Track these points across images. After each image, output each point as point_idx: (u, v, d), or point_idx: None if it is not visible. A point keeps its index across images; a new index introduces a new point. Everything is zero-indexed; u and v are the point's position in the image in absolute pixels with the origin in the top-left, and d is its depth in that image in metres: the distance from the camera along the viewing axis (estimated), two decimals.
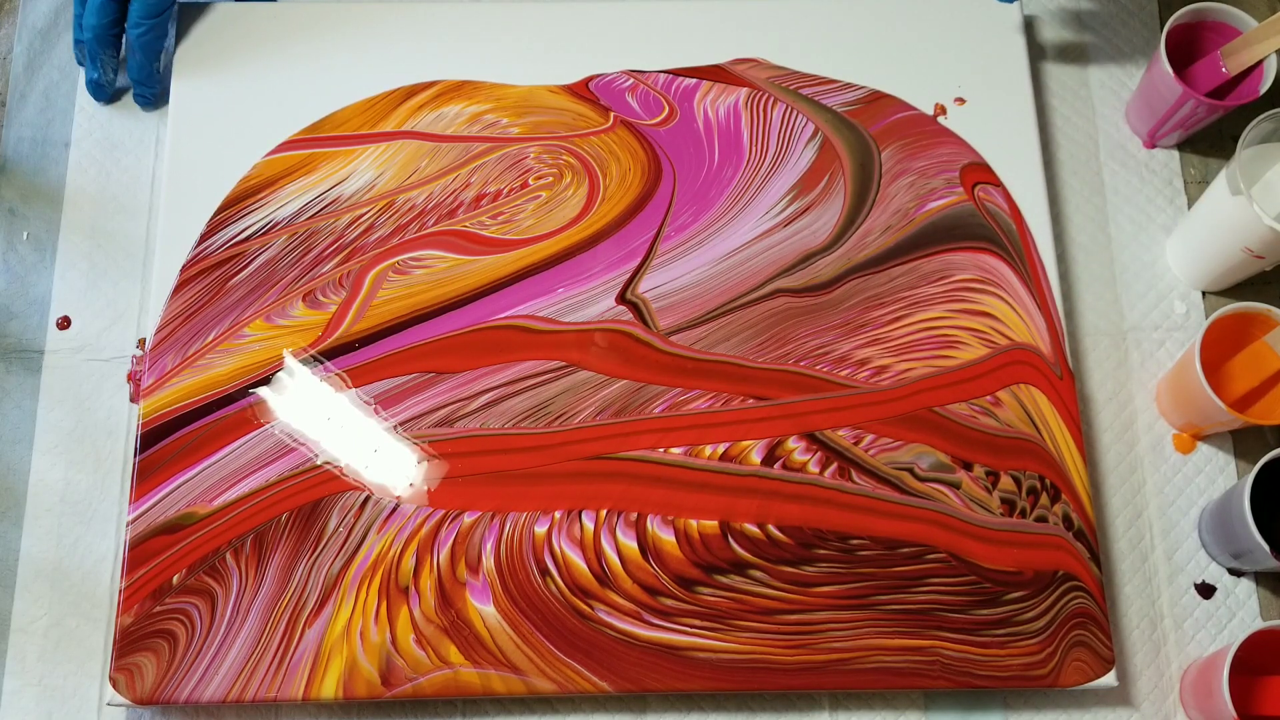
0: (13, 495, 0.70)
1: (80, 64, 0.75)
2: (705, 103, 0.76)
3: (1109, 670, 0.65)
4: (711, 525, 0.67)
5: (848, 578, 0.66)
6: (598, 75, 0.77)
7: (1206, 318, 0.69)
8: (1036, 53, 0.80)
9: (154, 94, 0.77)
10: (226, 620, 0.65)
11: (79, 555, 0.69)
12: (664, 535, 0.67)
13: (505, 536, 0.67)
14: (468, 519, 0.67)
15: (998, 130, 0.76)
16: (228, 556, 0.66)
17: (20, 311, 0.73)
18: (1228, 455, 0.72)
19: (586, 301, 0.72)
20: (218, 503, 0.67)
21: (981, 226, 0.74)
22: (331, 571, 0.66)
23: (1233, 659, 0.61)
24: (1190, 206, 0.77)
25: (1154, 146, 0.79)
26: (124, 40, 0.74)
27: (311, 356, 0.70)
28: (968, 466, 0.69)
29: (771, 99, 0.77)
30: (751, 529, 0.67)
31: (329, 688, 0.64)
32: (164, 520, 0.67)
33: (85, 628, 0.68)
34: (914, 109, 0.77)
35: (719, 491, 0.68)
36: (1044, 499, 0.68)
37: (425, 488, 0.68)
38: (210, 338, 0.70)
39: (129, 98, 0.78)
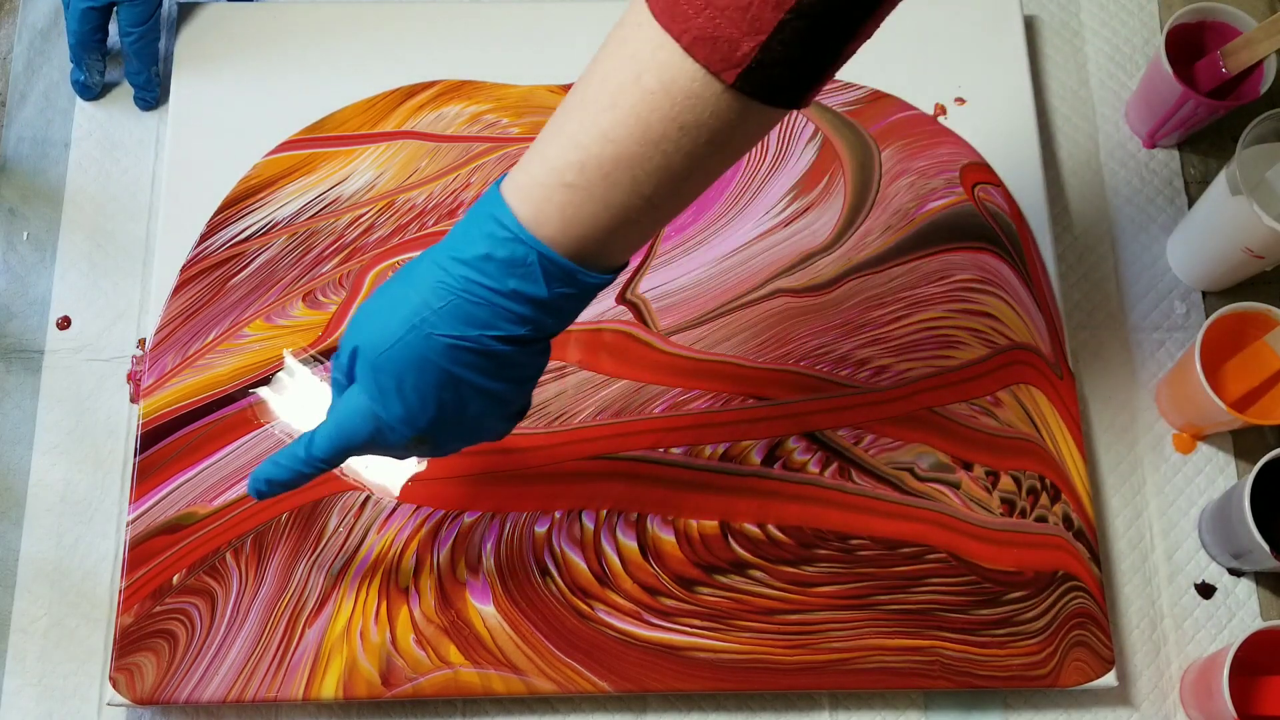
0: (13, 495, 0.70)
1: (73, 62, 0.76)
2: None
3: (1109, 670, 0.65)
4: (711, 525, 0.67)
5: (848, 578, 0.66)
6: None
7: (1206, 318, 0.69)
8: (1036, 53, 0.80)
9: (154, 97, 0.77)
10: (226, 620, 0.65)
11: (79, 555, 0.69)
12: (664, 535, 0.67)
13: (505, 536, 0.67)
14: (468, 519, 0.67)
15: (998, 130, 0.76)
16: (228, 556, 0.66)
17: (20, 311, 0.73)
18: (1228, 455, 0.72)
19: None
20: (218, 503, 0.67)
21: (981, 226, 0.74)
22: (331, 571, 0.66)
23: (1233, 659, 0.61)
24: (1190, 206, 0.77)
25: (1154, 146, 0.79)
26: (122, 47, 0.74)
27: (311, 356, 0.70)
28: (968, 466, 0.69)
29: None
30: (751, 529, 0.67)
31: (329, 688, 0.64)
32: (164, 520, 0.67)
33: (85, 628, 0.68)
34: (914, 109, 0.77)
35: (719, 491, 0.68)
36: (1044, 499, 0.68)
37: (425, 488, 0.68)
38: (210, 338, 0.70)
39: (124, 97, 0.78)
